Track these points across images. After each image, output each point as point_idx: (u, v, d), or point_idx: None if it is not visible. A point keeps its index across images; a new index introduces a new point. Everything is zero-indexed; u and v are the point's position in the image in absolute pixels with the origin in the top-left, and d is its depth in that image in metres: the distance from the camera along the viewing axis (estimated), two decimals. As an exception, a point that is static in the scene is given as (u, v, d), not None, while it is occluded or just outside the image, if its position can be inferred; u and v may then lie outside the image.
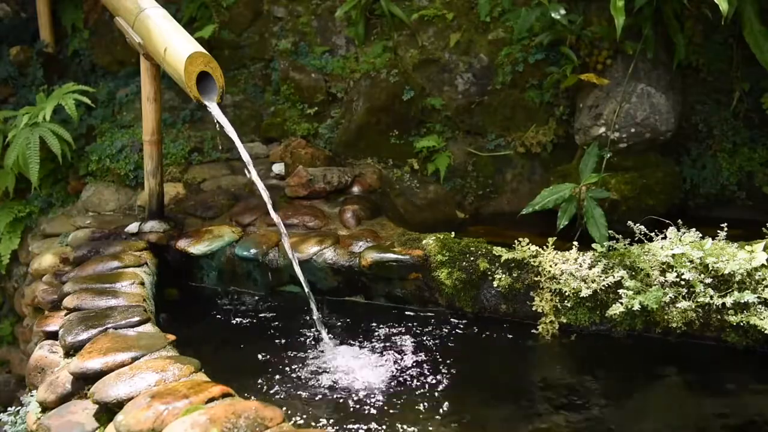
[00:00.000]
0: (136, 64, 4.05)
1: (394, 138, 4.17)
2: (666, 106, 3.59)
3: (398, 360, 2.70)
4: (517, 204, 3.89)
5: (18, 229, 4.30)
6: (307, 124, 4.36)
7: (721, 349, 2.67)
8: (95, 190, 4.20)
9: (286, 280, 3.36)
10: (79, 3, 4.87)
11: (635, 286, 2.70)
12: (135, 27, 3.24)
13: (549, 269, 2.89)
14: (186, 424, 1.74)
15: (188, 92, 2.95)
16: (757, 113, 3.75)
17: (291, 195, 3.83)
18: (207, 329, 3.08)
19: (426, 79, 4.27)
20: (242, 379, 2.55)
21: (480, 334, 2.93)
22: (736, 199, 3.82)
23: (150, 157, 3.53)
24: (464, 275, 3.05)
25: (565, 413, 2.35)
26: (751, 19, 3.32)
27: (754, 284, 2.58)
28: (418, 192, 4.10)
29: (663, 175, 3.70)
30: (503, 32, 4.14)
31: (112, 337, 2.38)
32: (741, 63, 3.69)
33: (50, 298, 3.09)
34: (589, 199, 3.29)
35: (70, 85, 4.13)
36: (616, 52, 3.60)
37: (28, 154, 3.84)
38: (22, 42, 4.80)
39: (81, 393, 2.21)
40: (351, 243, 3.29)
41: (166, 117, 4.36)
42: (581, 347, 2.80)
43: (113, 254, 3.27)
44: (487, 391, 2.52)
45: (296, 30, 4.70)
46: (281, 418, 1.81)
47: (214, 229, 3.54)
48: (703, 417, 2.34)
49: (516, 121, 4.14)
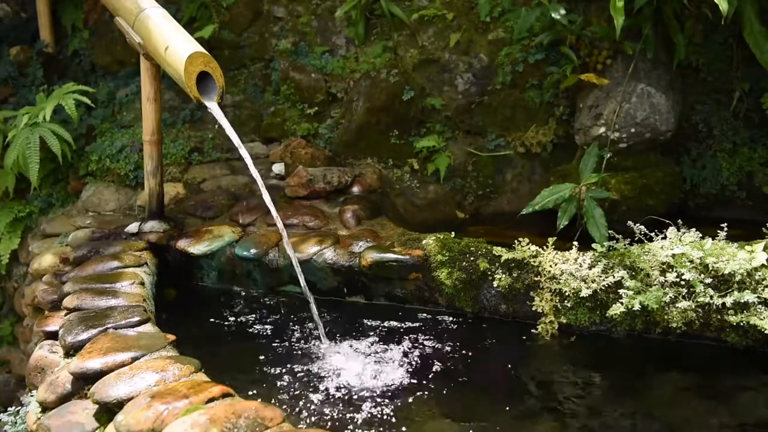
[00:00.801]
0: (136, 64, 4.06)
1: (394, 138, 4.17)
2: (666, 106, 3.59)
3: (398, 360, 2.70)
4: (517, 204, 3.89)
5: (18, 229, 4.30)
6: (307, 124, 4.36)
7: (721, 349, 2.67)
8: (95, 190, 4.20)
9: (286, 280, 3.37)
10: (79, 3, 4.87)
11: (635, 286, 2.70)
12: (135, 27, 3.25)
13: (549, 269, 2.89)
14: (186, 424, 1.74)
15: (188, 92, 2.95)
16: (757, 113, 3.75)
17: (291, 195, 3.83)
18: (207, 329, 3.08)
19: (426, 79, 4.27)
20: (242, 379, 2.55)
21: (480, 334, 2.93)
22: (736, 199, 3.82)
23: (150, 157, 3.53)
24: (464, 275, 3.05)
25: (565, 413, 2.36)
26: (751, 19, 3.32)
27: (754, 284, 2.58)
28: (418, 192, 4.10)
29: (663, 175, 3.70)
30: (503, 32, 4.14)
31: (112, 337, 2.38)
32: (741, 63, 3.70)
33: (50, 298, 3.08)
34: (589, 199, 3.29)
35: (70, 85, 4.13)
36: (616, 52, 3.60)
37: (28, 154, 3.85)
38: (22, 42, 4.81)
39: (81, 393, 2.21)
40: (351, 243, 3.29)
41: (166, 117, 4.37)
42: (581, 347, 2.80)
43: (113, 254, 3.27)
44: (487, 391, 2.52)
45: (296, 30, 4.70)
46: (281, 418, 1.81)
47: (214, 229, 3.54)
48: (703, 417, 2.34)
49: (516, 121, 4.14)
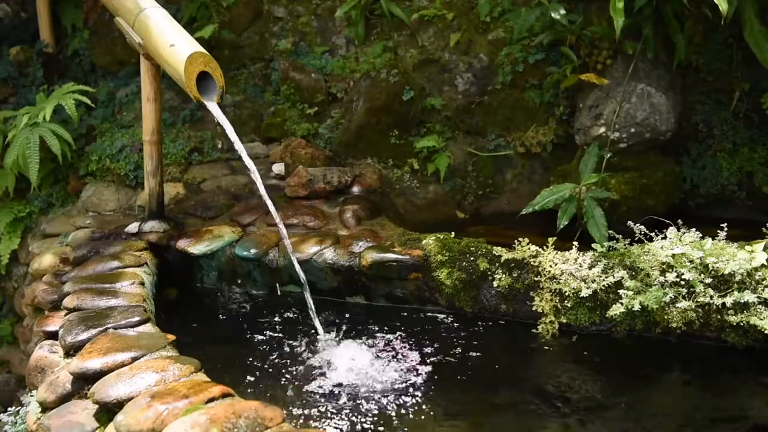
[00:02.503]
0: (136, 64, 4.05)
1: (394, 138, 4.17)
2: (666, 106, 3.59)
3: (398, 360, 2.70)
4: (517, 204, 3.89)
5: (18, 229, 4.30)
6: (307, 124, 4.36)
7: (721, 349, 2.67)
8: (95, 190, 4.20)
9: (286, 279, 3.37)
10: (79, 3, 4.87)
11: (635, 286, 2.70)
12: (135, 27, 3.24)
13: (549, 269, 2.89)
14: (186, 424, 1.74)
15: (188, 92, 2.95)
16: (757, 113, 3.75)
17: (291, 195, 3.83)
18: (207, 329, 3.08)
19: (426, 79, 4.27)
20: (242, 378, 2.55)
21: (480, 334, 2.93)
22: (736, 199, 3.82)
23: (150, 157, 3.53)
24: (464, 275, 3.05)
25: (565, 413, 2.35)
26: (751, 19, 3.32)
27: (754, 284, 2.58)
28: (418, 192, 4.10)
29: (663, 175, 3.70)
30: (503, 32, 4.14)
31: (112, 337, 2.38)
32: (741, 63, 3.69)
33: (50, 298, 3.08)
34: (589, 199, 3.29)
35: (70, 85, 4.13)
36: (616, 52, 3.60)
37: (28, 154, 3.85)
38: (22, 42, 4.81)
39: (81, 393, 2.21)
40: (351, 243, 3.29)
41: (166, 117, 4.37)
42: (581, 347, 2.80)
43: (113, 254, 3.27)
44: (487, 391, 2.51)
45: (296, 30, 4.70)
46: (281, 418, 1.81)
47: (214, 229, 3.54)
48: (703, 417, 2.34)
49: (516, 121, 4.14)
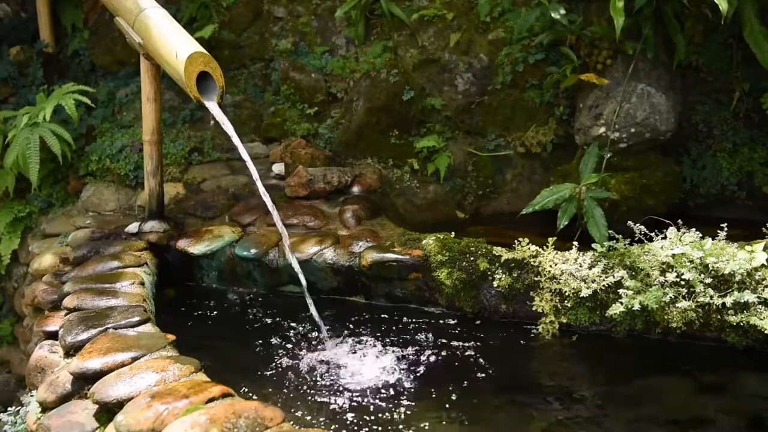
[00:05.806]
0: (136, 64, 4.05)
1: (394, 138, 4.17)
2: (666, 106, 3.59)
3: (398, 360, 2.70)
4: (517, 204, 3.89)
5: (18, 229, 4.30)
6: (307, 124, 4.36)
7: (721, 349, 2.67)
8: (95, 190, 4.20)
9: (286, 279, 3.37)
10: (79, 3, 4.87)
11: (635, 286, 2.70)
12: (135, 27, 3.25)
13: (549, 269, 2.89)
14: (186, 424, 1.74)
15: (188, 92, 2.95)
16: (757, 113, 3.75)
17: (291, 195, 3.83)
18: (207, 329, 3.08)
19: (426, 79, 4.27)
20: (242, 378, 2.55)
21: (480, 334, 2.93)
22: (736, 199, 3.82)
23: (150, 157, 3.53)
24: (464, 275, 3.04)
25: (565, 413, 2.36)
26: (751, 19, 3.32)
27: (754, 284, 2.58)
28: (418, 192, 4.10)
29: (663, 175, 3.70)
30: (503, 32, 4.14)
31: (112, 337, 2.38)
32: (741, 63, 3.69)
33: (50, 298, 3.08)
34: (589, 199, 3.29)
35: (70, 85, 4.13)
36: (616, 52, 3.60)
37: (28, 154, 3.85)
38: (22, 42, 4.81)
39: (81, 393, 2.21)
40: (351, 243, 3.29)
41: (166, 117, 4.37)
42: (581, 347, 2.80)
43: (113, 254, 3.27)
44: (487, 390, 2.51)
45: (296, 30, 4.70)
46: (281, 418, 1.81)
47: (214, 229, 3.54)
48: (703, 417, 2.34)
49: (516, 121, 4.14)
